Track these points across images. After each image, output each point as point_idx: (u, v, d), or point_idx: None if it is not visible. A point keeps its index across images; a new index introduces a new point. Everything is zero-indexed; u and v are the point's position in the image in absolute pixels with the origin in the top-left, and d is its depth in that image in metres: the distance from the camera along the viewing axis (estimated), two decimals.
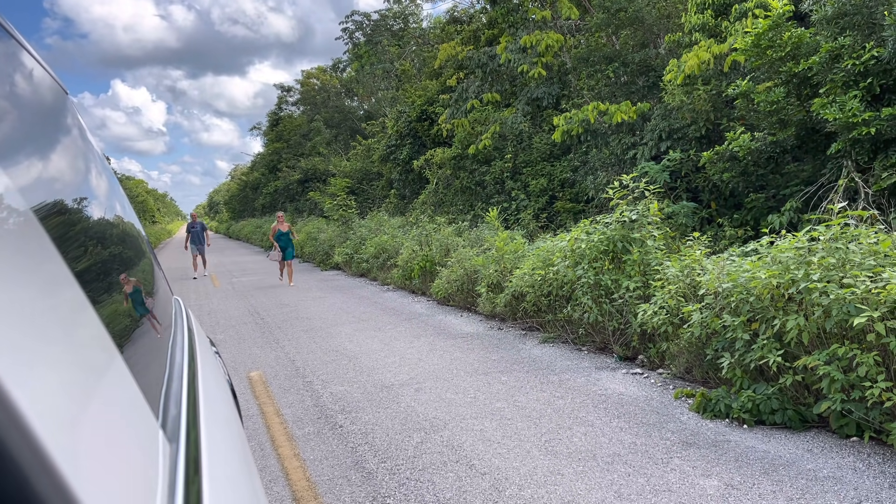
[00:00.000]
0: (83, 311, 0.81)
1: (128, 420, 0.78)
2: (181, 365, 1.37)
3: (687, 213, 9.29)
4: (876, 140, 7.29)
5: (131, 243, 1.60)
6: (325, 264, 19.88)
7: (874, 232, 5.01)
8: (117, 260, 1.26)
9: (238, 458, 1.24)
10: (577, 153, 13.36)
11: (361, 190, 26.47)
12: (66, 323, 0.73)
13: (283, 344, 8.94)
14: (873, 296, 4.25)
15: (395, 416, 5.66)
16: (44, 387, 0.58)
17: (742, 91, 8.66)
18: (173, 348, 1.45)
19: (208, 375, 1.56)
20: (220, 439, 1.16)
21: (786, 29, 8.19)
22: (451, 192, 17.25)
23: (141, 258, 1.68)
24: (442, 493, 4.14)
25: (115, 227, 1.40)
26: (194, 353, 1.64)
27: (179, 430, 0.98)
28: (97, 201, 1.31)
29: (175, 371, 1.27)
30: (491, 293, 9.40)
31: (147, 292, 1.54)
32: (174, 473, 0.82)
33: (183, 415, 1.05)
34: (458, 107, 17.58)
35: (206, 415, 1.15)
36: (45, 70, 1.32)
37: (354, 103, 38.14)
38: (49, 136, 1.04)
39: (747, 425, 4.86)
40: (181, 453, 0.89)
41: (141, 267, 1.60)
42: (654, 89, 12.20)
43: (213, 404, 1.35)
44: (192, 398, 1.18)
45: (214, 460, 0.97)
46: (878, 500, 3.63)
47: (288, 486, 4.44)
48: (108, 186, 1.60)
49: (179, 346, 1.56)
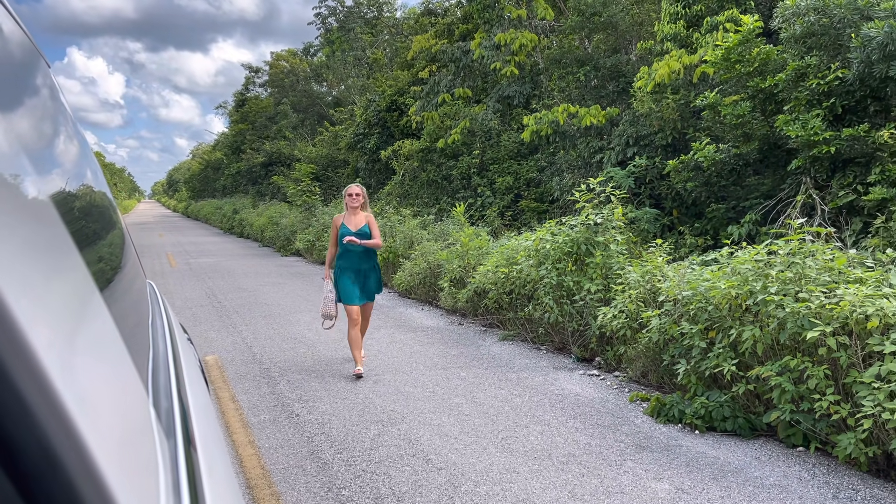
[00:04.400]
0: None
1: (131, 415, 0.77)
2: (165, 354, 1.33)
3: (650, 219, 9.43)
4: (835, 159, 7.49)
5: (100, 214, 1.54)
6: (285, 250, 19.68)
7: (830, 249, 5.16)
8: (86, 232, 1.20)
9: (225, 454, 1.22)
10: (545, 153, 13.45)
11: (326, 177, 26.25)
12: None
13: (241, 329, 8.84)
14: (826, 311, 4.38)
15: (352, 408, 5.64)
16: None
17: (710, 103, 8.81)
18: (154, 336, 1.41)
19: (190, 365, 1.52)
20: (211, 435, 1.13)
21: (755, 45, 8.35)
22: (418, 185, 17.22)
23: (111, 230, 1.61)
24: (398, 486, 4.15)
25: (83, 196, 1.34)
26: (175, 340, 1.60)
27: (174, 425, 0.96)
28: (66, 167, 1.26)
29: (160, 361, 1.24)
30: (453, 288, 9.42)
31: (117, 267, 1.49)
32: (176, 473, 0.81)
33: (176, 409, 1.02)
34: (428, 99, 17.55)
35: (195, 409, 1.12)
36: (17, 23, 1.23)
37: (323, 89, 37.75)
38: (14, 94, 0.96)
39: (699, 431, 4.97)
40: (180, 451, 0.87)
41: (110, 240, 1.54)
42: (624, 95, 12.34)
43: (199, 397, 1.32)
44: (180, 391, 1.15)
45: (211, 459, 0.95)
46: None
47: (242, 473, 4.40)
48: (79, 152, 1.54)
49: (160, 333, 1.52)
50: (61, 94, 1.65)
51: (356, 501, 3.97)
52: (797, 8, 7.92)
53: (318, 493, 4.09)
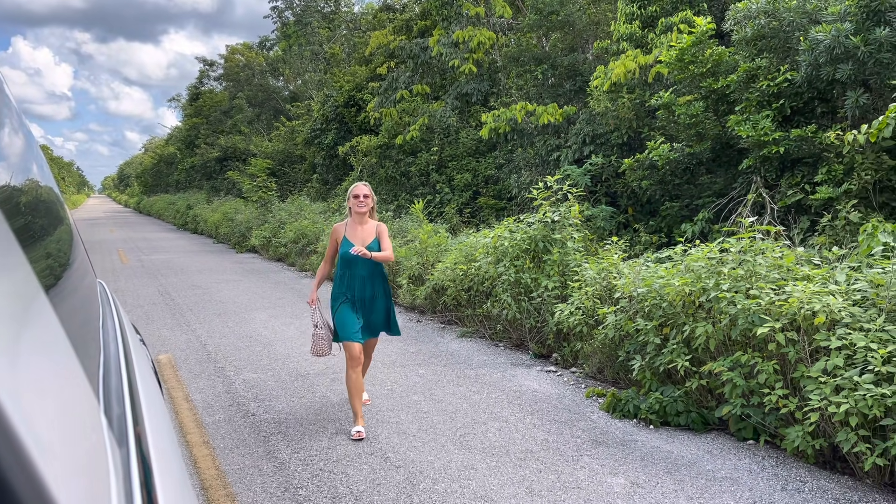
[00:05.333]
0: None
1: (79, 422, 0.73)
2: (116, 357, 1.28)
3: (605, 217, 9.55)
4: (784, 159, 7.69)
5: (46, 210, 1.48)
6: (240, 246, 19.39)
7: (779, 247, 5.29)
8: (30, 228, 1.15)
9: (180, 460, 1.18)
10: (503, 151, 13.52)
11: (283, 172, 25.93)
12: None
13: (195, 327, 8.68)
14: (776, 307, 4.49)
15: (309, 406, 5.59)
16: None
17: (664, 103, 8.96)
18: (105, 338, 1.36)
19: (143, 368, 1.47)
20: (165, 441, 1.10)
21: (708, 46, 8.52)
22: (376, 181, 17.12)
23: (58, 226, 1.55)
24: (356, 485, 4.13)
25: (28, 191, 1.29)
26: (127, 342, 1.54)
27: (127, 433, 0.92)
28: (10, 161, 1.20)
29: (112, 364, 1.19)
30: (412, 285, 9.40)
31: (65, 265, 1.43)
32: (129, 485, 0.78)
33: (128, 415, 0.98)
34: (387, 96, 17.47)
35: (148, 413, 1.08)
36: None
37: (280, 83, 37.25)
38: None
39: (653, 426, 5.05)
40: (133, 461, 0.84)
41: (57, 237, 1.48)
42: (581, 94, 12.47)
43: (153, 401, 1.28)
44: (133, 396, 1.11)
45: (165, 467, 0.92)
46: (770, 502, 3.85)
47: (197, 474, 4.32)
48: (24, 145, 1.48)
49: (112, 335, 1.46)
50: (5, 85, 1.59)
51: (313, 501, 3.93)
52: (748, 11, 8.10)
53: (274, 494, 4.04)
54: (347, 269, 5.04)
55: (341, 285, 5.07)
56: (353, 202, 5.10)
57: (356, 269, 5.02)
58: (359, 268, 5.01)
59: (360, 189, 5.13)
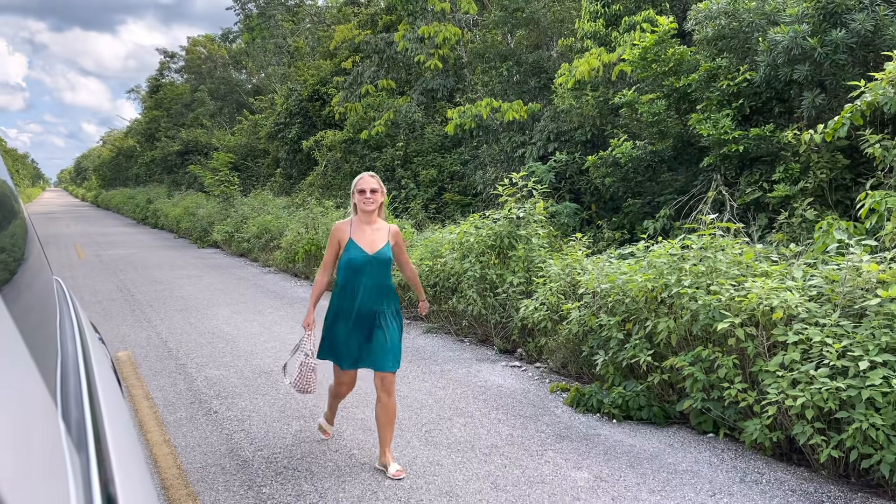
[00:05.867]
0: None
1: (36, 427, 0.71)
2: (75, 357, 1.25)
3: (569, 213, 9.63)
4: (743, 157, 7.84)
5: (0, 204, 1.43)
6: (202, 241, 19.12)
7: (738, 244, 5.40)
8: None
9: (141, 462, 1.16)
10: (468, 147, 13.54)
11: (245, 167, 25.60)
12: None
13: (156, 324, 8.53)
14: (735, 303, 4.58)
15: (273, 403, 5.54)
16: None
17: (627, 101, 9.06)
18: (63, 338, 1.32)
19: (102, 368, 1.43)
20: (126, 445, 1.07)
21: (670, 45, 8.64)
22: (341, 176, 17.01)
23: (12, 220, 1.50)
24: (320, 482, 4.10)
25: None
26: (86, 342, 1.50)
27: (86, 438, 0.89)
28: None
29: (70, 365, 1.16)
30: None
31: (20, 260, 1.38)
32: (90, 493, 0.75)
33: (88, 419, 0.95)
34: (352, 90, 17.36)
35: (108, 416, 1.05)
36: None
37: (243, 76, 36.75)
38: None
39: (616, 420, 5.12)
40: (93, 468, 0.82)
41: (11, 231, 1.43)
42: (545, 91, 12.54)
43: (113, 402, 1.24)
44: (92, 397, 1.08)
45: (126, 472, 0.90)
46: (729, 493, 3.93)
47: (157, 473, 4.26)
48: None
49: (69, 334, 1.42)
50: None
51: (277, 499, 3.90)
52: (709, 11, 8.23)
53: (237, 492, 4.00)
54: (353, 277, 4.17)
55: (343, 298, 4.21)
56: (358, 198, 4.24)
57: (363, 276, 4.16)
58: (367, 276, 4.15)
59: (366, 182, 4.24)
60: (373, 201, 4.22)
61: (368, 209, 4.24)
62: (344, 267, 4.22)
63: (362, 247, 4.20)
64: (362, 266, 4.17)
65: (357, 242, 4.21)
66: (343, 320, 4.23)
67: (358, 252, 4.18)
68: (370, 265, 4.18)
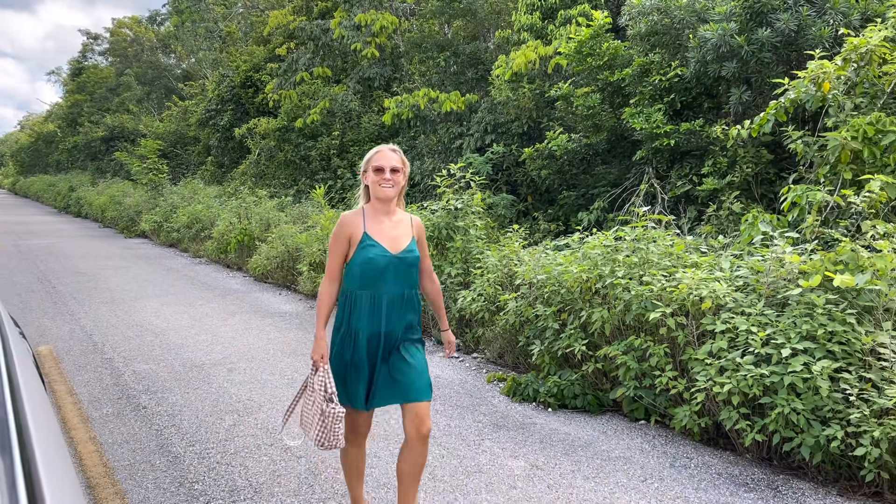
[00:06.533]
0: None
1: None
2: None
3: (506, 205, 9.71)
4: (674, 151, 8.05)
5: None
6: (129, 231, 18.47)
7: (669, 235, 5.54)
8: None
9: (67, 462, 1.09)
10: (405, 137, 13.47)
11: (175, 154, 24.86)
12: None
13: (79, 317, 8.20)
14: (667, 293, 4.70)
15: (205, 398, 5.40)
16: None
17: (563, 94, 9.18)
18: None
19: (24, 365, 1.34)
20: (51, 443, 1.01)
21: (605, 40, 8.78)
22: (275, 165, 16.70)
23: None
24: (255, 477, 4.02)
25: None
26: (6, 337, 1.41)
27: (10, 437, 0.83)
28: None
29: None
30: (313, 272, 9.25)
31: None
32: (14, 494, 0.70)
33: (10, 418, 0.89)
34: (286, 77, 17.03)
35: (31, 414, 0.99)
36: None
37: (172, 61, 35.61)
38: None
39: (552, 409, 5.19)
40: (18, 471, 0.76)
41: None
42: (483, 82, 12.58)
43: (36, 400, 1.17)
44: (15, 396, 1.01)
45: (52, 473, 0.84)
46: (660, 478, 4.04)
47: (82, 472, 4.09)
48: None
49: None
50: None
51: (210, 495, 3.81)
52: (642, 7, 8.40)
53: (167, 489, 3.88)
54: (371, 286, 3.16)
55: (357, 313, 3.18)
56: (374, 178, 3.20)
57: (386, 284, 3.17)
58: (389, 282, 3.17)
59: (386, 157, 3.21)
60: (393, 183, 3.19)
61: (387, 195, 3.19)
62: (358, 271, 3.17)
63: (382, 244, 3.17)
64: (384, 270, 3.15)
65: (375, 238, 3.18)
66: (353, 343, 3.19)
67: (378, 251, 3.15)
68: (394, 269, 3.17)
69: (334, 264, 3.24)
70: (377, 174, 3.19)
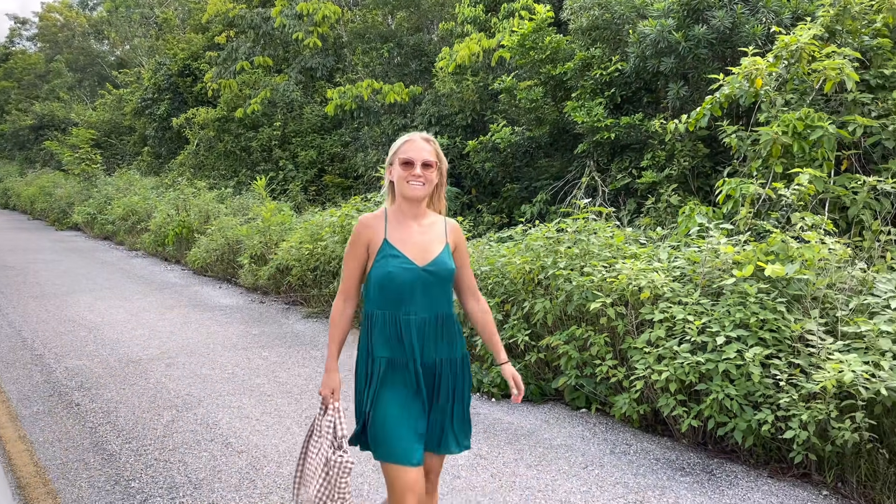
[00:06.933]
0: None
1: None
2: None
3: (450, 197, 9.73)
4: (614, 144, 8.19)
5: None
6: (61, 223, 17.83)
7: (610, 227, 5.65)
8: None
9: None
10: (349, 129, 13.36)
11: (109, 144, 24.07)
12: None
13: (7, 312, 7.87)
14: (607, 284, 4.79)
15: (142, 394, 5.26)
16: None
17: (506, 87, 9.23)
18: None
19: None
20: None
21: (547, 34, 8.86)
22: (214, 156, 16.33)
23: None
24: (195, 473, 3.94)
25: None
26: None
27: None
28: None
29: None
30: (254, 265, 9.09)
31: None
32: None
33: None
34: (226, 66, 16.65)
35: None
36: None
37: (105, 48, 34.41)
38: None
39: (495, 399, 5.24)
40: None
41: None
42: (427, 74, 12.55)
43: None
44: None
45: None
46: (600, 465, 4.13)
47: (12, 472, 3.94)
48: None
49: None
50: None
51: (147, 493, 3.71)
52: (584, 2, 8.51)
53: (102, 488, 3.77)
54: (393, 305, 2.56)
55: (382, 339, 2.58)
56: (401, 173, 2.57)
57: (412, 304, 2.56)
58: (417, 302, 2.56)
59: (416, 148, 2.58)
60: (424, 181, 2.57)
61: (416, 194, 2.57)
62: (376, 287, 2.59)
63: (406, 254, 2.57)
64: (410, 286, 2.55)
65: (397, 246, 2.58)
66: (393, 383, 2.57)
67: (400, 263, 2.55)
68: (423, 284, 2.56)
69: (350, 278, 2.66)
70: (405, 168, 2.56)
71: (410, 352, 2.57)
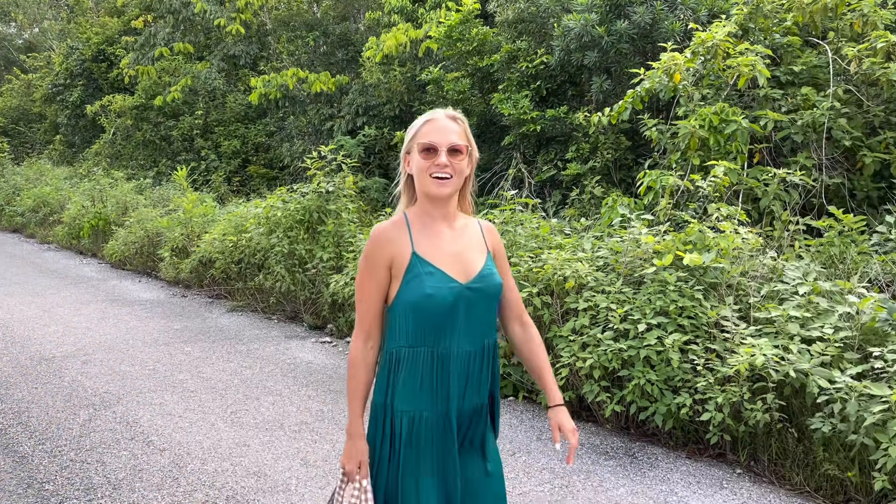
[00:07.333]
0: None
1: None
2: None
3: (379, 188, 9.68)
4: (540, 137, 8.32)
5: None
6: None
7: (536, 218, 5.74)
8: None
9: None
10: (274, 118, 13.10)
11: (17, 132, 22.86)
12: None
13: None
14: (533, 274, 4.87)
15: (57, 392, 5.04)
16: None
17: (434, 78, 9.24)
18: None
19: None
20: None
21: (474, 25, 8.91)
22: (132, 145, 15.74)
23: None
24: (114, 473, 3.81)
25: None
26: None
27: None
28: None
29: None
30: (175, 258, 8.82)
31: None
32: None
33: None
34: (143, 52, 16.04)
35: None
36: None
37: (12, 30, 32.59)
38: None
39: None
40: None
41: None
42: (353, 64, 12.42)
43: None
44: None
45: None
46: (528, 451, 4.20)
47: None
48: None
49: None
50: None
51: (63, 495, 3.56)
52: None
53: (14, 492, 3.60)
54: (432, 338, 1.95)
55: (411, 386, 1.95)
56: (423, 163, 1.95)
57: (454, 334, 1.96)
58: (459, 330, 1.96)
59: (441, 130, 1.97)
60: (452, 173, 1.96)
61: (444, 191, 1.96)
62: (411, 317, 1.95)
63: (445, 269, 1.96)
64: (450, 311, 1.94)
65: (431, 260, 1.96)
66: (428, 446, 1.97)
67: (440, 280, 1.94)
68: (467, 306, 1.96)
69: (370, 310, 1.99)
70: (426, 157, 1.94)
71: (446, 400, 1.95)
